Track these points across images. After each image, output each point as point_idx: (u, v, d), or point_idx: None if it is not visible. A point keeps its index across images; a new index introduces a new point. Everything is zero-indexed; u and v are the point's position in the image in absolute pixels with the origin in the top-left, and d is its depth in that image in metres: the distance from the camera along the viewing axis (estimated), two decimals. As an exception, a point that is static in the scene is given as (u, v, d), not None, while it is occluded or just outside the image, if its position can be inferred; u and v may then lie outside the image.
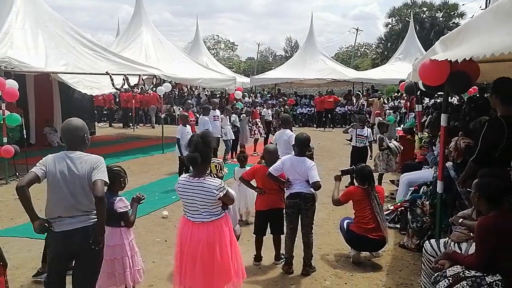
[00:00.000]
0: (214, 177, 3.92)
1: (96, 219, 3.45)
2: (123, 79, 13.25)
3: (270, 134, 14.52)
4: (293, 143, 9.59)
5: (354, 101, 22.43)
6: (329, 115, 21.69)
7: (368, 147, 9.11)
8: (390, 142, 8.93)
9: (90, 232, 3.42)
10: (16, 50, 11.18)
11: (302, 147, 5.25)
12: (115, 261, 3.99)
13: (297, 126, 20.04)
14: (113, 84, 12.92)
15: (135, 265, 4.12)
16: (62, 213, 3.41)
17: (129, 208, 4.09)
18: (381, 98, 19.48)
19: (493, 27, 3.04)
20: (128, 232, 4.10)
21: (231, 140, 12.24)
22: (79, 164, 3.42)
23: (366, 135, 9.12)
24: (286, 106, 15.30)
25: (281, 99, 18.02)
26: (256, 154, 13.53)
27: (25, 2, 12.91)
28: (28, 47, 11.79)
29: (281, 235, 5.31)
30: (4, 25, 11.81)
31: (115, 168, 4.15)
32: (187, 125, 9.46)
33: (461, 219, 3.97)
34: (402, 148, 9.03)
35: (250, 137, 13.78)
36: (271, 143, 10.48)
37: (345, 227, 5.42)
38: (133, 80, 13.75)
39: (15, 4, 12.61)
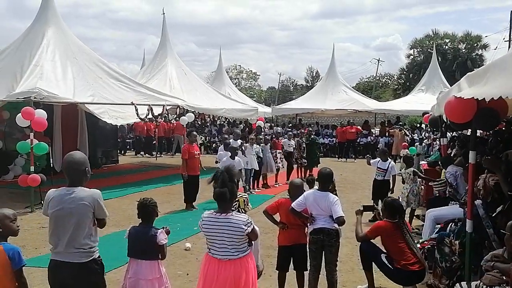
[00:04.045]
0: (242, 212, 3.92)
1: (90, 257, 3.54)
2: (148, 109, 13.51)
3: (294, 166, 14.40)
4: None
5: (378, 131, 22.23)
6: (351, 145, 21.56)
7: (390, 181, 8.93)
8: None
9: (79, 268, 3.49)
10: (46, 81, 11.57)
11: (325, 182, 5.20)
12: None
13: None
14: (137, 114, 13.17)
15: None
16: (59, 249, 3.52)
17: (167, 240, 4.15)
18: (402, 130, 19.33)
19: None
20: (162, 264, 4.16)
21: (253, 170, 12.19)
22: (76, 203, 3.49)
23: (385, 168, 8.94)
24: (312, 136, 15.18)
25: (302, 130, 18.07)
26: (277, 185, 13.48)
27: (55, 35, 13.44)
28: (57, 78, 12.18)
29: (305, 272, 5.21)
30: (35, 57, 12.26)
31: (152, 202, 4.23)
32: (235, 158, 9.17)
33: (493, 262, 3.83)
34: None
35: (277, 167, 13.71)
36: (217, 161, 10.55)
37: (388, 263, 5.13)
38: (157, 110, 13.99)
39: (46, 37, 13.14)
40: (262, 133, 15.25)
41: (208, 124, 26.37)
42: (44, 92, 10.75)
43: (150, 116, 13.81)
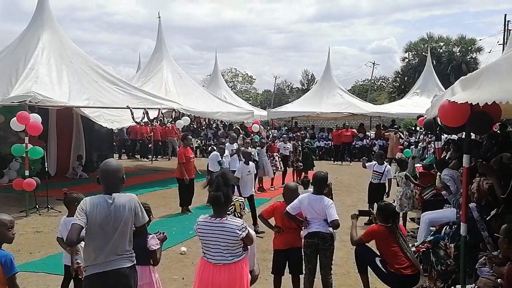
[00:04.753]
0: (238, 216, 3.93)
1: (132, 262, 3.50)
2: (143, 112, 13.51)
3: (288, 168, 14.43)
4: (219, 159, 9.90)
5: (373, 134, 22.26)
6: (347, 148, 21.61)
7: (386, 184, 8.95)
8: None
9: (124, 274, 3.44)
10: (41, 85, 11.53)
11: (320, 185, 5.22)
12: None
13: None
14: (133, 118, 13.18)
15: None
16: (100, 259, 3.41)
17: (159, 246, 4.10)
18: (398, 133, 19.39)
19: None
20: (154, 270, 4.12)
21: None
22: (118, 210, 3.45)
23: (382, 171, 8.97)
24: (306, 140, 15.16)
25: (298, 133, 18.07)
26: (273, 189, 13.48)
27: (51, 39, 13.42)
28: (52, 82, 12.14)
29: (300, 275, 5.21)
30: (30, 61, 12.23)
31: (146, 206, 4.16)
32: (249, 163, 9.09)
33: (493, 265, 3.83)
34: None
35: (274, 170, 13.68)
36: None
37: (382, 267, 5.13)
38: (153, 114, 13.99)
39: (41, 40, 13.11)
40: (241, 136, 15.13)
41: (203, 127, 26.34)
42: (39, 96, 10.70)
43: (145, 119, 13.82)
